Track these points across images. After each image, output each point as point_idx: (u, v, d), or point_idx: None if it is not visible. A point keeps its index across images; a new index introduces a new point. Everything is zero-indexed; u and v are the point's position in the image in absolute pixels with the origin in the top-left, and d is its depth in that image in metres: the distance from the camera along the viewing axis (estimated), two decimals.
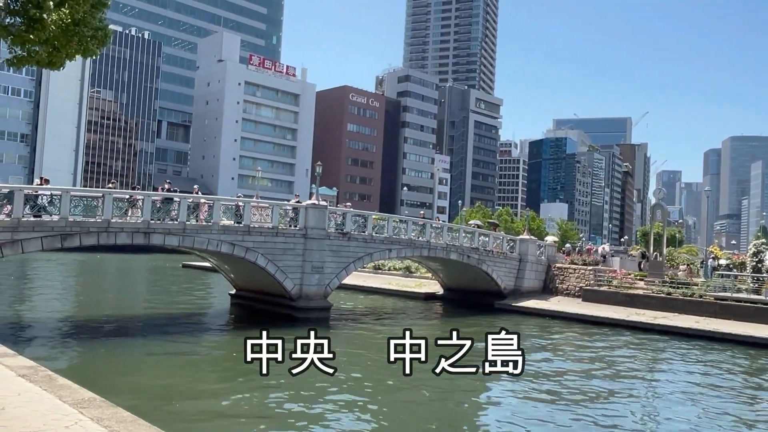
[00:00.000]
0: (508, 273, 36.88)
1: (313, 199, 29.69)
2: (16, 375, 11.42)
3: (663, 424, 14.75)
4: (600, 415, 14.74)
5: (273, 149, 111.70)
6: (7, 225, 20.35)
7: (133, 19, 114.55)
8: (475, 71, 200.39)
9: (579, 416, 14.59)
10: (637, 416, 15.14)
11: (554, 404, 15.64)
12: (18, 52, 8.49)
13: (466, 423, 14.22)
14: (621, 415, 14.91)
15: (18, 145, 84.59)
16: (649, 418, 15.31)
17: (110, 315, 27.33)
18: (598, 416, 14.65)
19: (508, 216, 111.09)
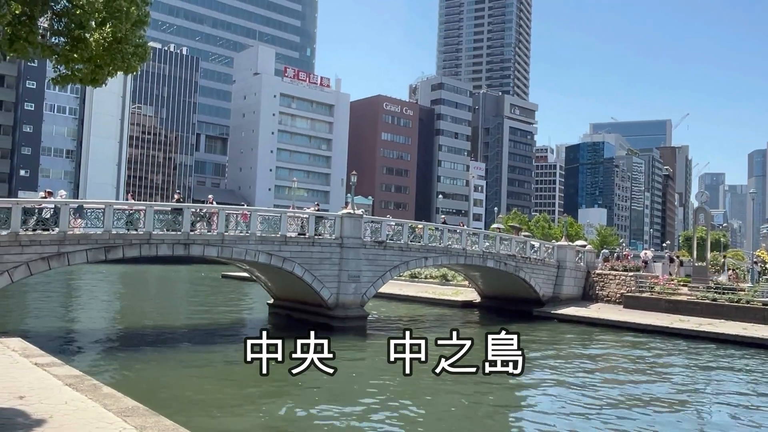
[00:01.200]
0: (547, 280, 36.37)
1: (349, 208, 29.82)
2: (63, 384, 11.73)
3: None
4: (646, 426, 14.36)
5: (308, 159, 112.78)
6: (54, 238, 21.00)
7: (172, 36, 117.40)
8: (509, 77, 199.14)
9: (624, 428, 14.25)
10: (685, 427, 14.71)
11: (597, 414, 15.31)
12: (62, 71, 8.76)
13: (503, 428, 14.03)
14: (669, 427, 14.50)
15: (64, 161, 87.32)
16: (698, 430, 14.87)
17: (152, 325, 27.89)
18: (644, 427, 14.28)
19: (545, 222, 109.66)
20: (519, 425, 14.58)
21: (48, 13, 8.18)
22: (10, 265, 20.18)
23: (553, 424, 14.35)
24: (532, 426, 14.27)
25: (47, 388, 11.32)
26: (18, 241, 20.34)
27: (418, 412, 14.76)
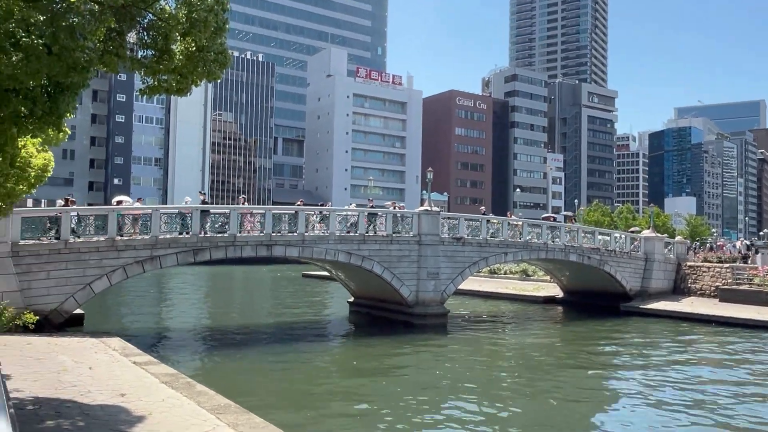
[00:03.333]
0: (634, 273, 34.93)
1: (426, 205, 29.72)
2: (159, 382, 12.27)
3: None
4: (749, 426, 13.48)
5: (383, 158, 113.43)
6: (147, 243, 22.09)
7: (248, 44, 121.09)
8: (585, 64, 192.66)
9: (724, 428, 13.44)
10: None
11: (696, 415, 14.52)
12: (149, 83, 9.12)
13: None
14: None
15: (153, 169, 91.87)
16: None
17: (239, 324, 28.84)
18: (747, 426, 13.41)
19: (629, 213, 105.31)
20: (608, 424, 14.02)
21: (136, 28, 8.55)
22: (108, 269, 21.38)
23: (648, 425, 13.72)
24: (623, 427, 13.70)
25: (145, 386, 11.88)
26: (115, 246, 21.52)
27: (503, 408, 14.48)
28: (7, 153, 8.91)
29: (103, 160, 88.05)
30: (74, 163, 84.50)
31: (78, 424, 9.09)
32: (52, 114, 8.44)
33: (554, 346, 24.79)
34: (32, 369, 12.87)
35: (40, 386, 11.36)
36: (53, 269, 20.40)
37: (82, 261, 20.92)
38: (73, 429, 8.81)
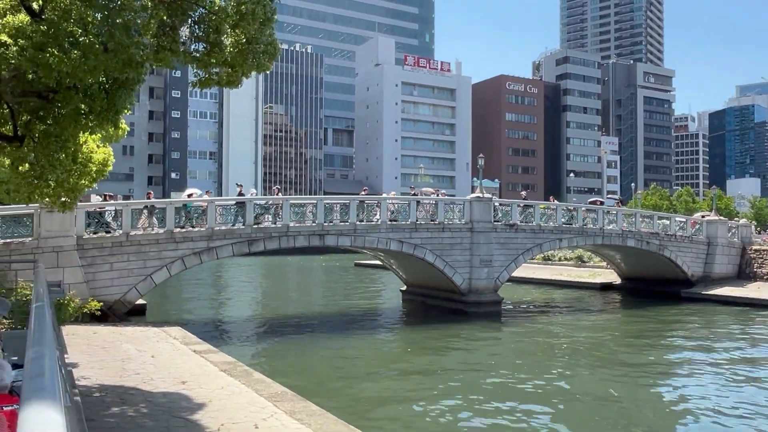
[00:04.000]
0: (695, 258, 33.69)
1: (477, 192, 29.38)
2: (218, 370, 12.56)
3: None
4: None
5: (432, 146, 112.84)
6: (204, 234, 22.62)
7: (297, 36, 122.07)
8: (640, 43, 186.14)
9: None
10: None
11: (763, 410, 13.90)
12: (201, 76, 9.25)
13: (659, 424, 13.12)
14: None
15: (208, 162, 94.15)
16: None
17: (293, 312, 29.29)
18: None
19: (689, 196, 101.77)
20: (671, 417, 13.57)
21: (187, 22, 8.67)
22: (168, 260, 22.01)
23: (713, 418, 13.22)
24: (688, 419, 13.24)
25: (205, 374, 12.18)
26: (173, 238, 22.13)
27: (559, 399, 14.21)
28: (69, 149, 9.21)
29: (161, 155, 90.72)
30: (134, 159, 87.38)
31: (142, 410, 9.38)
32: (110, 110, 8.67)
33: (613, 335, 24.19)
34: (98, 357, 13.37)
35: (106, 374, 11.78)
36: (116, 261, 21.15)
37: (142, 253, 21.61)
38: (137, 416, 9.10)
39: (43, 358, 2.29)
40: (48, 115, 8.91)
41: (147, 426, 8.57)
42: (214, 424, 8.68)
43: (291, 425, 8.75)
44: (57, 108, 8.72)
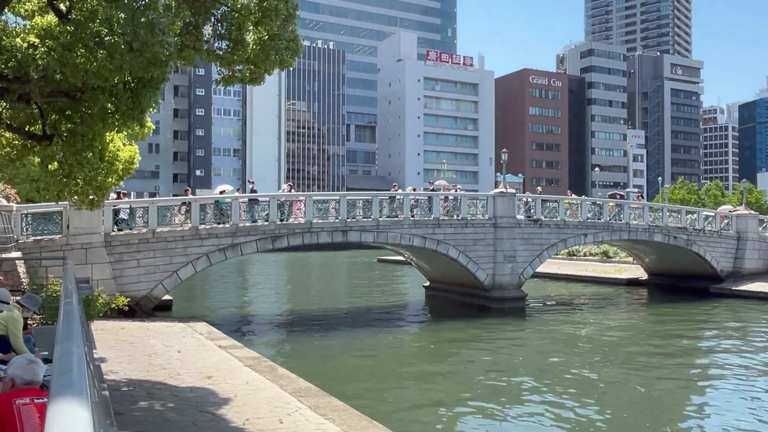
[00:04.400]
0: (725, 253, 33.07)
1: (500, 187, 29.19)
2: (243, 365, 12.68)
3: None
4: None
5: (455, 141, 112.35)
6: (228, 231, 22.85)
7: (318, 33, 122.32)
8: (667, 34, 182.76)
9: None
10: None
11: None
12: (225, 73, 9.32)
13: (688, 423, 12.92)
14: None
15: (232, 159, 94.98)
16: None
17: (317, 308, 29.43)
18: None
19: (718, 190, 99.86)
20: (700, 416, 13.35)
21: (210, 20, 8.74)
22: (193, 257, 22.28)
23: (743, 419, 12.97)
24: (717, 419, 13.01)
25: (230, 369, 12.31)
26: (198, 234, 22.38)
27: (584, 397, 14.07)
28: (96, 148, 9.36)
29: (186, 152, 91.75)
30: (159, 157, 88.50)
31: (168, 405, 9.51)
32: (135, 109, 8.78)
33: (639, 331, 23.88)
34: (126, 352, 13.59)
35: (133, 369, 11.97)
36: (142, 257, 21.46)
37: (168, 249, 21.89)
38: (164, 410, 9.23)
39: (72, 354, 2.33)
40: (75, 114, 9.06)
41: (174, 420, 8.69)
42: (239, 419, 8.77)
43: (315, 420, 8.80)
44: (84, 107, 8.86)
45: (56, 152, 9.44)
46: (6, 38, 7.90)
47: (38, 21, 8.31)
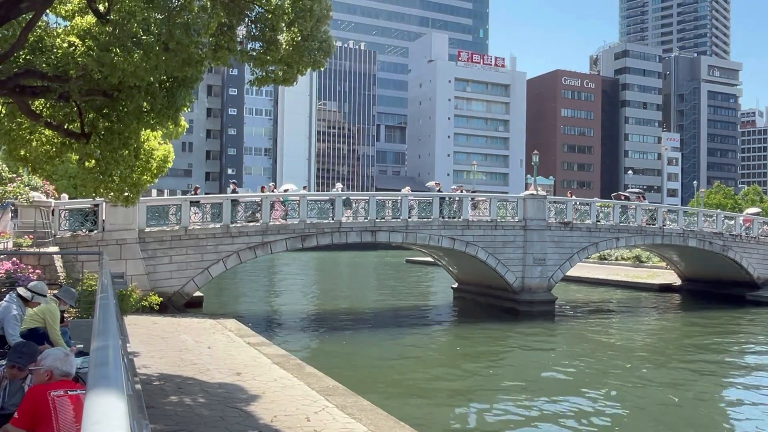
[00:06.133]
0: (762, 260, 32.26)
1: (531, 189, 28.92)
2: (272, 362, 12.79)
3: None
4: None
5: (486, 142, 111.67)
6: (258, 229, 23.08)
7: (350, 33, 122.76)
8: (705, 35, 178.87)
9: None
10: None
11: None
12: (258, 74, 9.41)
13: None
14: None
15: (263, 159, 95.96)
16: None
17: (345, 308, 29.54)
18: None
19: (755, 195, 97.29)
20: (731, 426, 13.03)
21: (244, 21, 8.85)
22: (224, 254, 22.56)
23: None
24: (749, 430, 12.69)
25: (259, 366, 12.43)
26: (229, 232, 22.67)
27: (613, 404, 13.85)
28: (131, 146, 9.54)
29: (218, 151, 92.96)
30: (192, 155, 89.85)
31: (198, 400, 9.65)
32: (170, 108, 8.94)
33: (672, 339, 23.41)
34: (158, 347, 13.83)
35: (165, 363, 12.18)
36: (175, 254, 21.81)
37: (200, 247, 22.21)
38: (194, 405, 9.37)
39: (108, 348, 2.38)
40: (112, 112, 9.25)
41: (203, 415, 8.81)
42: (267, 416, 8.85)
43: (342, 419, 8.83)
44: (121, 106, 9.05)
45: (93, 150, 9.65)
46: (47, 38, 8.12)
47: (78, 21, 8.51)
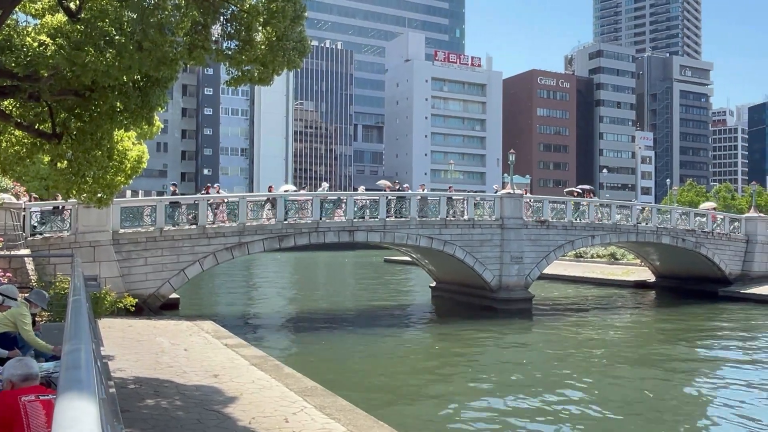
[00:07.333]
0: (734, 256, 32.90)
1: (507, 188, 29.15)
2: (249, 364, 12.71)
3: None
4: None
5: (463, 142, 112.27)
6: (235, 230, 22.91)
7: (327, 32, 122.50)
8: (677, 36, 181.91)
9: None
10: None
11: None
12: (234, 74, 9.35)
13: (690, 427, 12.86)
14: None
15: (239, 159, 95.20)
16: None
17: (324, 308, 29.47)
18: None
19: (727, 192, 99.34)
20: (704, 421, 13.29)
21: (219, 20, 8.77)
22: (200, 255, 22.36)
23: (748, 425, 12.90)
24: (722, 424, 12.95)
25: (236, 368, 12.34)
26: (205, 233, 22.46)
27: (590, 400, 14.03)
28: (104, 146, 9.41)
29: (194, 151, 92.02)
30: (167, 156, 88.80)
31: (175, 403, 9.55)
32: (144, 108, 8.83)
33: (646, 334, 23.78)
34: (133, 350, 13.66)
35: (140, 366, 12.03)
36: (150, 256, 21.56)
37: (176, 248, 21.98)
38: (171, 408, 9.27)
39: (80, 351, 2.34)
40: (84, 112, 9.11)
41: (180, 418, 8.73)
42: (245, 417, 8.79)
43: (320, 420, 8.81)
44: (93, 106, 8.92)
45: (65, 150, 9.50)
46: (17, 37, 7.96)
47: (48, 20, 8.37)
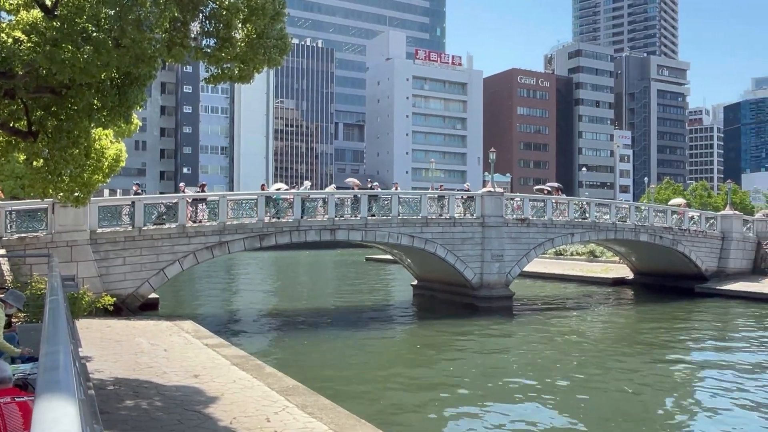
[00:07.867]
0: (709, 253, 33.43)
1: (488, 186, 29.29)
2: (231, 364, 12.63)
3: None
4: None
5: (444, 140, 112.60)
6: (215, 229, 22.74)
7: (307, 30, 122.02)
8: (654, 36, 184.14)
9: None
10: None
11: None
12: (213, 71, 9.27)
13: (673, 423, 13.05)
14: None
15: (219, 158, 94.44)
16: None
17: (305, 307, 29.38)
18: None
19: (704, 191, 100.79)
20: (685, 415, 13.50)
21: (198, 17, 8.70)
22: (180, 255, 22.15)
23: (724, 417, 13.13)
24: (700, 418, 13.16)
25: (217, 367, 12.26)
26: (185, 232, 22.25)
27: (571, 396, 14.17)
28: (81, 144, 9.28)
29: (173, 150, 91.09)
30: (146, 154, 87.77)
31: (155, 404, 9.46)
32: (122, 105, 8.72)
33: (625, 330, 24.08)
34: (112, 351, 13.50)
35: (120, 367, 11.89)
36: (129, 255, 21.31)
37: (155, 247, 21.75)
38: (150, 409, 9.18)
39: (58, 352, 2.31)
40: (61, 110, 8.98)
41: (160, 419, 8.65)
42: (226, 417, 8.74)
43: (302, 419, 8.79)
44: (70, 103, 8.79)
45: (41, 149, 9.36)
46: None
47: (23, 16, 8.23)
